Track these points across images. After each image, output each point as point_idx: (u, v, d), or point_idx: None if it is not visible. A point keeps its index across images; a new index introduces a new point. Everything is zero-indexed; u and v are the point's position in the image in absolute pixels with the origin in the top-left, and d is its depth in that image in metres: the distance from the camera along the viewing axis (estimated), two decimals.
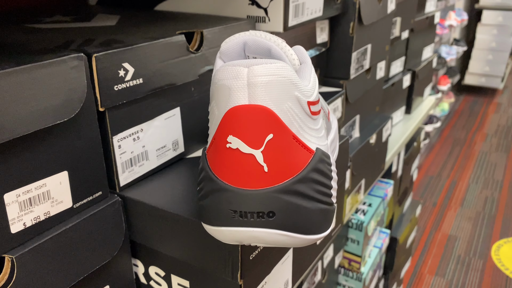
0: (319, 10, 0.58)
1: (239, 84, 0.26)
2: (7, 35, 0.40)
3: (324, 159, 0.30)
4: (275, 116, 0.26)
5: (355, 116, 0.78)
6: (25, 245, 0.31)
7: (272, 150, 0.27)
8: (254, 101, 0.26)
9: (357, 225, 0.95)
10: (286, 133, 0.27)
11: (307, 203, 0.28)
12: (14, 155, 0.30)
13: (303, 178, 0.28)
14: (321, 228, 0.30)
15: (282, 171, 0.27)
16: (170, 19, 0.49)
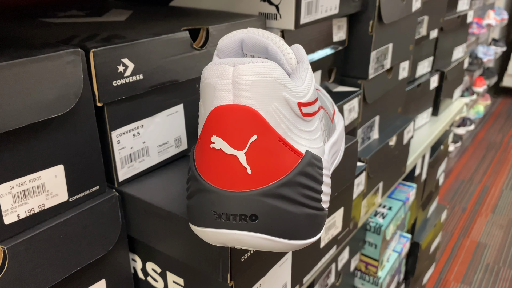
0: (335, 7, 0.56)
1: (224, 83, 0.25)
2: (17, 29, 0.41)
3: (313, 162, 0.29)
4: (260, 117, 0.26)
5: (374, 117, 0.76)
6: (18, 236, 0.32)
7: (255, 151, 0.26)
8: (239, 101, 0.25)
9: (375, 228, 0.93)
10: (271, 134, 0.26)
11: (293, 207, 0.27)
12: (7, 147, 0.30)
13: (288, 182, 0.27)
14: (308, 234, 0.29)
15: (266, 173, 0.26)
16: (180, 15, 0.49)
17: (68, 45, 0.33)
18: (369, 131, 0.76)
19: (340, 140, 0.41)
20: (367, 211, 0.78)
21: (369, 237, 0.95)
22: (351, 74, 0.69)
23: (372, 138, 0.77)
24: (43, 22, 0.45)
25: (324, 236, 0.48)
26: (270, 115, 0.26)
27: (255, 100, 0.26)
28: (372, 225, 0.94)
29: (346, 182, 0.48)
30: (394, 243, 1.05)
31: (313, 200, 0.28)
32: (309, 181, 0.28)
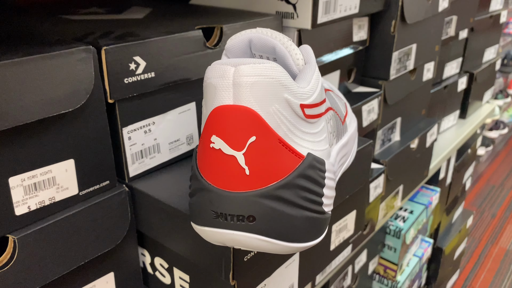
0: (355, 7, 0.55)
1: (224, 83, 0.26)
2: (37, 26, 0.42)
3: (315, 165, 0.28)
4: (259, 118, 0.26)
5: (396, 119, 0.74)
6: (29, 227, 0.33)
7: (254, 153, 0.26)
8: (239, 102, 0.25)
9: (395, 232, 0.92)
10: (271, 136, 0.26)
11: (291, 210, 0.27)
12: (19, 141, 0.31)
13: (287, 184, 0.27)
14: (308, 237, 0.28)
15: (264, 175, 0.26)
16: (198, 13, 0.49)
17: (80, 42, 0.34)
18: (390, 133, 0.74)
19: (351, 142, 0.40)
20: (385, 214, 0.77)
21: (389, 241, 0.93)
22: (372, 75, 0.68)
23: (393, 140, 0.76)
24: (64, 19, 0.46)
25: (334, 239, 0.48)
26: (270, 117, 0.26)
27: (255, 101, 0.25)
28: (392, 229, 0.92)
29: (359, 185, 0.47)
30: (415, 248, 1.03)
31: (313, 203, 0.28)
32: (310, 184, 0.28)
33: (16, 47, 0.32)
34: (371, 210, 0.69)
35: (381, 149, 0.73)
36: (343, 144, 0.38)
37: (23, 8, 0.53)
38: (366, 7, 0.58)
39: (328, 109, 0.34)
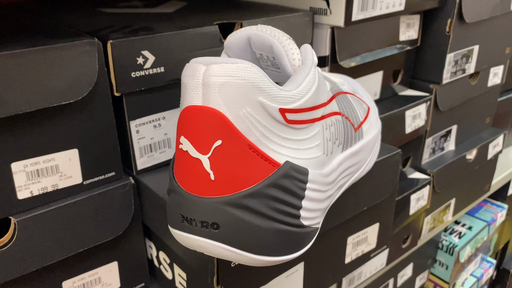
0: (400, 4, 0.51)
1: (194, 83, 0.24)
2: (64, 19, 0.43)
3: (292, 174, 0.26)
4: (227, 121, 0.24)
5: (451, 126, 0.68)
6: (30, 211, 0.34)
7: (220, 157, 0.24)
8: (207, 103, 0.24)
9: (448, 248, 0.85)
10: (239, 141, 0.24)
11: (259, 220, 0.25)
12: (21, 129, 0.33)
13: (256, 193, 0.25)
14: (281, 251, 0.27)
15: (230, 181, 0.25)
16: (231, 8, 0.48)
17: (87, 35, 0.35)
18: (443, 141, 0.68)
19: (366, 150, 0.37)
20: (432, 228, 0.71)
21: (440, 256, 0.87)
22: (423, 78, 0.63)
23: (446, 149, 0.70)
24: (98, 11, 0.47)
25: (350, 251, 0.45)
26: (240, 120, 0.24)
27: (224, 103, 0.24)
28: (445, 244, 0.85)
29: (381, 196, 0.44)
30: (473, 267, 0.95)
31: (287, 215, 0.26)
32: (283, 195, 0.26)
33: (27, 38, 0.33)
34: (412, 223, 0.65)
35: (430, 159, 0.68)
36: (353, 152, 0.35)
37: None
38: (415, 4, 0.53)
39: (331, 114, 0.32)
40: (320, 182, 0.29)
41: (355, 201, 0.41)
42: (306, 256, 0.41)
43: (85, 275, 0.39)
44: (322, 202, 0.30)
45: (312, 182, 0.28)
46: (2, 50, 0.30)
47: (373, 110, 0.42)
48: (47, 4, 0.53)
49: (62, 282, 0.38)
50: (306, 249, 0.29)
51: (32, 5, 0.52)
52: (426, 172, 0.65)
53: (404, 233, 0.64)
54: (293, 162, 0.27)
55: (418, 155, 0.65)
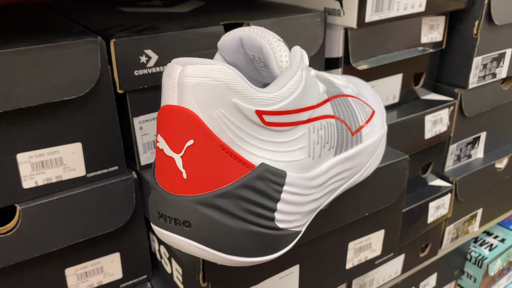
0: (420, 5, 0.50)
1: (170, 83, 0.25)
2: (83, 16, 0.45)
3: (267, 176, 0.26)
4: (199, 122, 0.25)
5: (479, 133, 0.65)
6: (34, 200, 0.36)
7: (191, 157, 0.25)
8: (181, 103, 0.25)
9: (477, 259, 0.81)
10: (211, 141, 0.25)
11: (230, 221, 0.26)
12: (27, 122, 0.34)
13: (227, 193, 0.25)
14: (253, 252, 0.27)
15: (202, 181, 0.25)
16: (243, 8, 0.48)
17: (92, 34, 0.36)
18: (470, 148, 0.66)
19: (364, 155, 0.37)
20: (455, 238, 0.69)
21: (468, 268, 0.83)
22: (448, 81, 0.61)
23: (474, 157, 0.67)
24: (117, 10, 0.49)
25: (352, 257, 0.44)
26: (213, 121, 0.25)
27: (197, 104, 0.24)
28: (473, 255, 0.82)
29: (386, 202, 0.43)
30: (506, 282, 0.90)
31: (260, 217, 0.26)
32: (256, 197, 0.26)
33: (36, 35, 0.35)
34: (431, 231, 0.63)
35: (454, 166, 0.65)
36: (349, 156, 0.35)
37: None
38: (438, 5, 0.52)
39: (322, 117, 0.32)
40: (301, 185, 0.29)
41: (356, 206, 0.41)
42: (302, 258, 0.40)
43: (87, 263, 0.41)
44: (303, 206, 0.29)
45: (291, 185, 0.28)
46: (9, 47, 0.32)
47: (378, 114, 0.41)
48: (73, 2, 0.55)
49: (65, 269, 0.40)
50: (283, 252, 0.29)
51: (58, 3, 0.54)
52: (448, 179, 0.63)
53: (422, 242, 0.62)
54: (270, 164, 0.27)
55: (440, 162, 0.62)
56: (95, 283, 0.42)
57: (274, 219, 0.27)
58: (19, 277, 0.38)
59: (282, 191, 0.27)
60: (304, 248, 0.40)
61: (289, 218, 0.28)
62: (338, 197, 0.39)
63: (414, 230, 0.59)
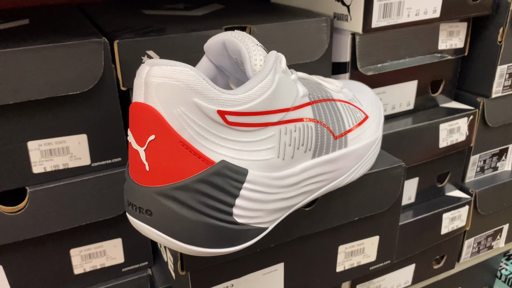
0: (434, 10, 0.49)
1: (139, 81, 0.27)
2: (105, 19, 0.49)
3: (225, 173, 0.28)
4: (161, 119, 0.26)
5: (507, 145, 0.63)
6: (42, 184, 0.40)
7: (153, 150, 0.27)
8: (147, 101, 0.27)
9: (507, 277, 0.78)
10: (171, 137, 0.27)
11: (188, 212, 0.27)
12: (36, 113, 0.38)
13: (184, 187, 0.27)
14: (210, 243, 0.28)
15: (162, 173, 0.27)
16: (256, 12, 0.50)
17: (96, 35, 0.39)
18: (496, 160, 0.63)
19: (348, 159, 0.37)
20: (476, 253, 0.66)
21: (498, 286, 0.79)
22: (470, 90, 0.59)
23: (501, 169, 0.64)
24: (139, 13, 0.52)
25: (342, 260, 0.44)
26: (174, 118, 0.27)
27: (159, 102, 0.26)
28: (504, 273, 0.78)
29: (379, 209, 0.43)
30: None
31: (217, 211, 0.28)
32: (214, 191, 0.28)
33: (49, 35, 0.39)
34: (446, 243, 0.61)
35: (477, 177, 0.63)
36: (329, 160, 0.35)
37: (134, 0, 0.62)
38: (456, 11, 0.50)
39: (298, 120, 0.33)
40: (264, 184, 0.30)
41: (345, 210, 0.41)
42: (286, 257, 0.41)
43: (90, 246, 0.44)
44: (267, 203, 0.30)
45: (252, 183, 0.29)
46: (20, 45, 0.36)
47: (372, 119, 0.41)
48: (106, 6, 0.59)
49: (70, 250, 0.44)
50: (244, 246, 0.30)
51: (93, 6, 0.59)
52: (468, 191, 0.61)
53: (435, 253, 0.61)
54: (232, 162, 0.28)
55: (458, 172, 0.60)
56: (98, 265, 0.45)
57: (232, 214, 0.29)
58: (30, 254, 0.42)
59: (242, 188, 0.29)
60: (289, 246, 0.41)
61: (249, 214, 0.29)
62: (325, 199, 0.40)
63: (426, 240, 0.58)
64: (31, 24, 0.45)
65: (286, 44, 0.45)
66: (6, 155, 0.38)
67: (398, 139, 0.52)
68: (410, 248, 0.57)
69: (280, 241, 0.39)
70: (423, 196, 0.59)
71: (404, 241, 0.56)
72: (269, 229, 0.32)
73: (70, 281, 0.45)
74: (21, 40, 0.38)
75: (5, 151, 0.38)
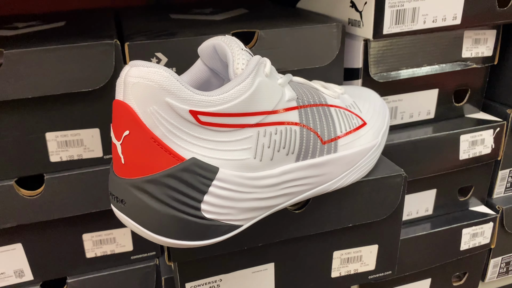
0: (454, 17, 0.47)
1: (120, 81, 0.29)
2: (134, 22, 0.52)
3: (194, 170, 0.29)
4: (134, 115, 0.29)
5: None
6: (58, 172, 0.44)
7: (127, 145, 0.29)
8: (124, 99, 0.29)
9: None
10: (144, 133, 0.29)
11: (157, 204, 0.29)
12: (54, 107, 0.42)
13: (154, 180, 0.29)
14: (177, 235, 0.30)
15: (135, 167, 0.29)
16: (273, 18, 0.51)
17: (109, 37, 0.42)
18: None
19: (337, 165, 0.37)
20: (504, 273, 0.62)
21: None
22: (500, 100, 0.56)
23: None
24: (166, 17, 0.55)
25: (338, 266, 0.44)
26: (147, 116, 0.29)
27: (134, 100, 0.29)
28: None
29: (374, 217, 0.42)
30: None
31: (185, 205, 0.29)
32: (182, 186, 0.29)
33: (69, 37, 0.43)
34: (468, 260, 0.58)
35: (507, 194, 0.59)
36: (314, 164, 0.36)
37: (169, 5, 0.65)
38: (480, 18, 0.48)
39: (279, 123, 0.33)
40: (236, 182, 0.31)
41: (338, 216, 0.41)
42: (277, 257, 0.42)
43: (101, 233, 0.48)
44: (238, 202, 0.31)
45: (222, 180, 0.30)
46: (39, 45, 0.40)
47: (370, 127, 0.41)
48: (138, 10, 0.63)
49: (82, 234, 0.47)
50: (215, 241, 0.31)
51: (127, 11, 0.63)
52: (494, 207, 0.58)
53: (455, 269, 0.58)
54: (203, 160, 0.30)
55: (484, 187, 0.58)
56: (108, 251, 0.49)
57: (200, 209, 0.30)
58: (47, 235, 0.46)
59: (211, 185, 0.30)
60: (279, 247, 0.41)
61: (218, 211, 0.31)
62: (316, 203, 0.40)
63: (442, 255, 0.56)
64: (64, 27, 0.50)
65: (294, 49, 0.46)
66: (27, 144, 0.43)
67: (414, 148, 0.51)
68: (425, 262, 0.55)
69: (268, 241, 0.40)
70: (442, 208, 0.57)
71: (418, 254, 0.54)
72: (243, 227, 0.33)
73: (82, 263, 0.48)
74: (45, 40, 0.42)
75: (26, 140, 0.42)
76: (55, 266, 0.48)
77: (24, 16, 0.59)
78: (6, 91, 0.39)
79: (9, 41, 0.42)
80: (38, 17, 0.57)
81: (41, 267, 0.47)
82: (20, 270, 0.47)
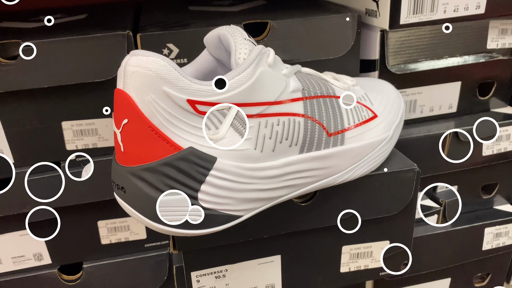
0: (477, 6, 0.45)
1: (120, 70, 0.30)
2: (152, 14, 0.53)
3: (191, 159, 0.29)
4: (133, 104, 0.29)
5: None
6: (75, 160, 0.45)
7: (126, 133, 0.29)
8: (124, 87, 0.29)
9: None
10: (142, 122, 0.29)
11: (154, 192, 0.29)
12: (70, 97, 0.43)
13: (152, 169, 0.29)
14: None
15: (134, 155, 0.29)
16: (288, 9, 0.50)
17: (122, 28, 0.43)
18: None
19: (343, 157, 0.36)
20: None
21: None
22: None
23: None
24: (184, 9, 0.56)
25: (347, 261, 0.43)
26: (145, 105, 0.29)
27: (133, 89, 0.29)
28: None
29: (385, 213, 0.41)
30: None
31: None
32: (179, 175, 0.29)
33: (84, 28, 0.44)
34: (490, 260, 0.56)
35: None
36: (319, 156, 0.35)
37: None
38: (507, 7, 0.46)
39: (283, 114, 0.33)
40: (235, 173, 0.31)
41: (345, 210, 0.40)
42: (283, 249, 0.42)
43: (116, 220, 0.49)
44: (237, 192, 0.31)
45: (220, 170, 0.30)
46: (56, 36, 0.41)
47: (382, 119, 0.39)
48: (158, 2, 0.64)
49: (98, 221, 0.49)
50: (214, 230, 0.31)
51: (148, 3, 0.63)
52: None
53: (477, 270, 0.56)
54: (201, 150, 0.30)
55: (510, 185, 0.55)
56: (123, 238, 0.50)
57: (198, 198, 0.30)
58: (64, 220, 0.48)
59: (208, 174, 0.30)
60: (285, 239, 0.41)
61: (216, 200, 0.31)
62: (323, 196, 0.39)
63: (462, 255, 0.54)
64: (85, 19, 0.51)
65: (307, 39, 0.45)
66: (44, 132, 0.44)
67: (433, 142, 0.49)
68: (444, 260, 0.53)
69: (274, 233, 0.40)
70: (464, 206, 0.55)
71: (436, 252, 0.52)
72: (243, 218, 0.33)
73: (98, 249, 0.50)
74: (62, 32, 0.43)
75: (43, 129, 0.44)
76: (72, 251, 0.49)
77: (50, 9, 0.60)
78: (23, 80, 0.41)
79: (29, 33, 0.44)
80: (62, 10, 0.59)
81: (59, 252, 0.49)
82: (39, 254, 0.49)
